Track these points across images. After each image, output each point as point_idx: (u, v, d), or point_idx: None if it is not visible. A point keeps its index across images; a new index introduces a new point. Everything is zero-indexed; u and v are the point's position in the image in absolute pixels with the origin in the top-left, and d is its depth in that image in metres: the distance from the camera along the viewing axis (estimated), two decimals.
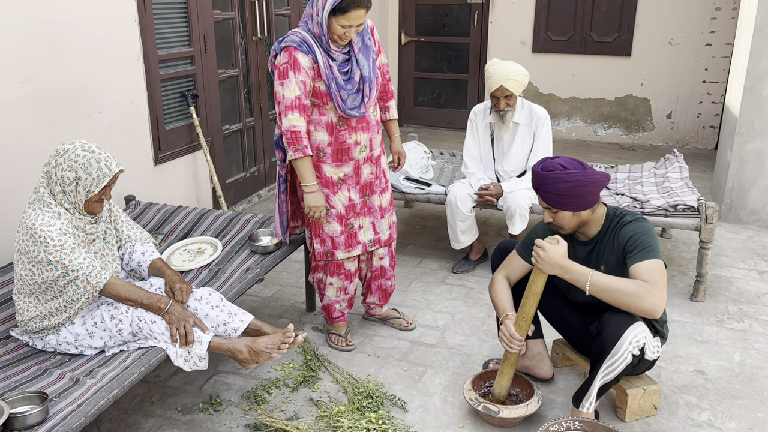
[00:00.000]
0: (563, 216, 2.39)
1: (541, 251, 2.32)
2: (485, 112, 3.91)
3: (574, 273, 2.32)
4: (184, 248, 3.11)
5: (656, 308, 2.24)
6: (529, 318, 2.44)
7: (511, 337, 2.44)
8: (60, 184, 2.29)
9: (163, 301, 2.33)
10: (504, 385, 2.56)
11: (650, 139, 7.15)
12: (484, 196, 3.74)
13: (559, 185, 2.32)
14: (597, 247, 2.47)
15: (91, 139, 3.46)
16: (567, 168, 2.34)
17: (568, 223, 2.41)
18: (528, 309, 2.43)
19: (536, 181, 2.40)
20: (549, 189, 2.35)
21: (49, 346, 2.36)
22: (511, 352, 2.48)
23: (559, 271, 2.32)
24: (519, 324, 2.45)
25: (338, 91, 2.68)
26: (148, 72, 3.88)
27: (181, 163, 4.27)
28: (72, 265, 2.22)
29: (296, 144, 2.67)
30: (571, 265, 2.32)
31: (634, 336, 2.29)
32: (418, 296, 3.64)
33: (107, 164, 2.30)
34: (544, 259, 2.31)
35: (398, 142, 3.17)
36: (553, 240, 2.35)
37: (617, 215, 2.44)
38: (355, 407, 2.60)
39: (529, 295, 2.41)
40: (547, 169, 2.36)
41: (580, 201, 2.35)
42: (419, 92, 7.88)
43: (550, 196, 2.36)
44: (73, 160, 2.27)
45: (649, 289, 2.22)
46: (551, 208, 2.40)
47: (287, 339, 2.31)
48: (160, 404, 2.70)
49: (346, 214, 2.89)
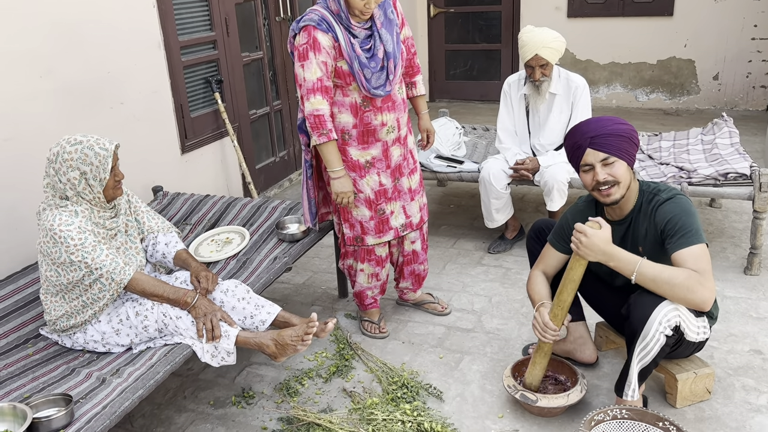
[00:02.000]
0: (619, 167, 2.21)
1: (583, 237, 2.15)
2: (519, 83, 3.73)
3: (620, 260, 2.15)
4: (211, 239, 3.06)
5: (707, 301, 2.08)
6: (565, 307, 2.30)
7: (545, 326, 2.30)
8: (70, 188, 2.22)
9: (189, 296, 2.27)
10: (536, 375, 2.43)
11: (696, 103, 6.81)
12: (520, 171, 3.58)
13: (617, 126, 2.19)
14: (632, 226, 2.31)
15: (115, 130, 3.45)
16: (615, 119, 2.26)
17: (625, 178, 2.23)
18: (565, 297, 2.28)
19: (587, 129, 2.23)
20: (607, 131, 2.19)
21: (78, 345, 2.34)
22: (544, 342, 2.35)
23: (602, 257, 2.16)
24: (554, 312, 2.31)
25: (361, 70, 2.56)
26: (170, 59, 3.81)
27: (208, 151, 4.22)
28: (95, 264, 2.18)
29: (320, 128, 2.56)
30: (616, 251, 2.16)
31: (663, 316, 2.12)
32: (453, 279, 3.52)
33: (101, 146, 2.23)
34: (586, 245, 2.15)
35: (427, 119, 3.03)
36: (594, 224, 2.18)
37: (651, 191, 2.27)
38: (389, 398, 2.51)
39: (567, 282, 2.26)
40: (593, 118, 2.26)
41: (632, 150, 2.22)
42: (450, 65, 7.66)
43: (610, 139, 2.19)
44: (69, 159, 2.19)
45: (700, 281, 2.06)
46: (609, 158, 2.20)
47: (310, 329, 2.23)
48: (192, 398, 2.66)
49: (376, 200, 2.78)
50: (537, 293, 2.45)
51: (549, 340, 2.32)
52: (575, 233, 2.19)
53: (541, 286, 2.46)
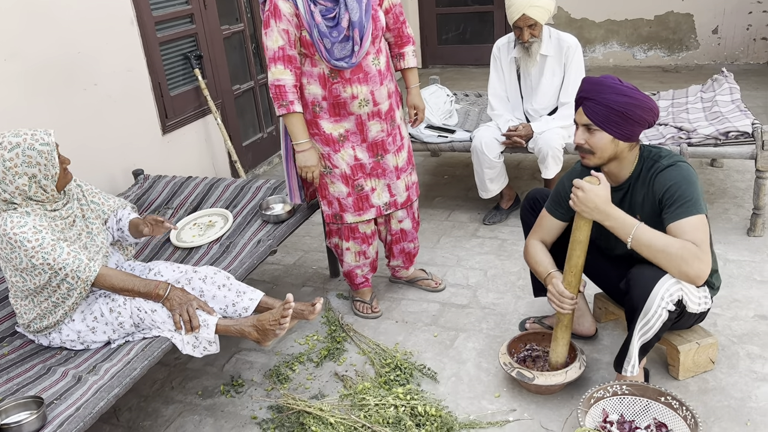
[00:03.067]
0: (601, 138, 2.08)
1: (579, 192, 2.04)
2: (509, 46, 3.57)
3: (617, 220, 2.04)
4: (194, 222, 2.95)
5: (701, 275, 1.97)
6: (578, 271, 2.18)
7: (561, 295, 2.19)
8: (19, 194, 2.06)
9: (161, 287, 2.16)
10: (561, 352, 2.33)
11: (695, 59, 6.61)
12: (513, 138, 3.45)
13: (614, 97, 2.04)
14: (629, 193, 2.18)
15: (91, 113, 3.31)
16: (624, 84, 2.08)
17: (602, 151, 2.10)
18: (575, 261, 2.16)
19: (587, 87, 2.10)
20: (600, 99, 2.05)
21: (55, 344, 2.24)
22: (563, 313, 2.23)
23: (599, 216, 2.05)
24: (568, 280, 2.19)
25: (321, 39, 2.42)
26: (145, 35, 3.65)
27: (191, 131, 4.08)
28: (57, 264, 2.04)
29: (281, 99, 2.46)
30: (614, 211, 2.05)
31: (666, 290, 2.01)
32: (448, 253, 3.42)
33: (41, 142, 2.05)
34: (583, 200, 2.04)
35: (416, 94, 2.86)
36: (593, 179, 2.06)
37: (651, 156, 2.14)
38: (381, 381, 2.43)
39: (575, 245, 2.14)
40: (602, 78, 2.10)
41: (626, 126, 2.06)
42: (442, 29, 7.44)
43: (598, 107, 2.06)
44: (11, 167, 2.02)
45: (696, 253, 1.95)
46: (591, 125, 2.08)
47: (286, 312, 2.13)
48: (180, 389, 2.59)
49: (353, 175, 2.66)
50: (540, 263, 2.33)
51: (568, 310, 2.21)
52: (573, 188, 2.08)
53: (543, 255, 2.35)
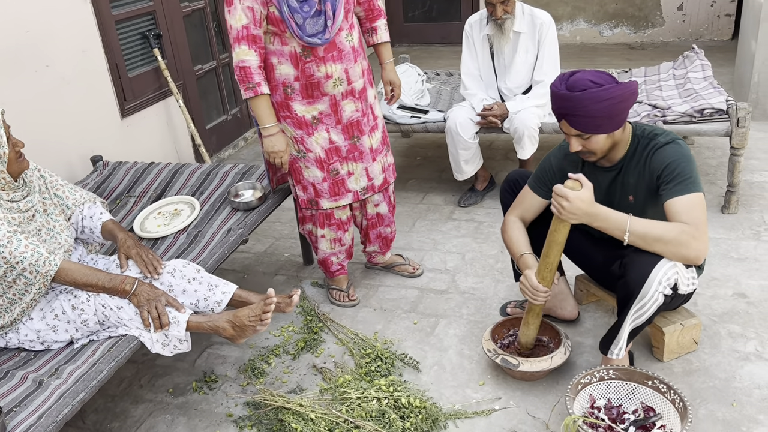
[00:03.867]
0: (597, 141, 2.01)
1: (564, 201, 1.93)
2: (481, 23, 3.48)
3: (606, 221, 1.96)
4: (158, 211, 2.80)
5: (700, 255, 1.93)
6: (553, 268, 2.12)
7: (535, 289, 2.14)
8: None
9: (128, 282, 2.02)
10: (531, 335, 2.29)
11: (660, 35, 6.63)
12: (488, 118, 3.37)
13: (596, 106, 1.92)
14: (622, 172, 2.12)
15: (44, 97, 3.11)
16: (599, 83, 1.94)
17: (602, 148, 2.04)
18: (552, 259, 2.10)
19: (563, 105, 1.98)
20: (582, 112, 1.94)
21: (12, 345, 2.09)
22: (537, 304, 2.19)
23: (587, 219, 1.96)
24: (542, 275, 2.13)
25: (291, 15, 2.28)
26: (99, 13, 3.44)
27: (151, 113, 3.89)
28: (14, 257, 1.89)
29: (246, 81, 2.32)
30: (602, 211, 1.96)
31: (663, 274, 1.96)
32: (424, 236, 3.34)
33: None
34: (569, 210, 1.94)
35: (391, 69, 2.75)
36: (575, 184, 1.96)
37: (646, 135, 2.07)
38: (362, 372, 2.35)
39: (552, 245, 2.07)
40: (576, 89, 1.95)
41: (615, 120, 1.97)
42: (409, 7, 7.31)
43: (584, 120, 1.96)
44: None
45: (693, 234, 1.89)
46: (583, 135, 2.01)
47: (268, 307, 2.02)
48: (149, 387, 2.46)
49: (328, 159, 2.54)
50: (515, 243, 2.27)
51: (541, 302, 2.16)
52: (555, 197, 1.97)
53: (519, 234, 2.29)
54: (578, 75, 1.97)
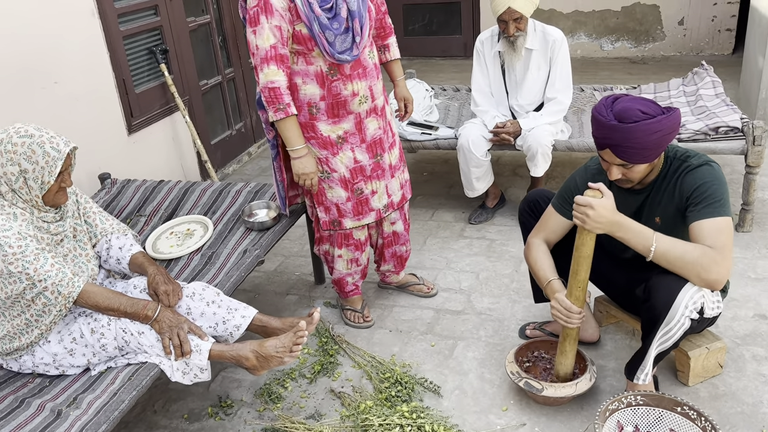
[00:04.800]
0: (638, 170, 1.98)
1: (589, 210, 1.91)
2: (492, 39, 3.46)
3: (630, 231, 1.93)
4: (170, 231, 2.75)
5: (720, 281, 1.90)
6: (584, 286, 2.08)
7: (568, 310, 2.08)
8: (6, 183, 1.90)
9: (150, 308, 1.98)
10: (569, 364, 2.24)
11: (661, 50, 6.65)
12: (501, 136, 3.34)
13: (649, 138, 1.87)
14: (651, 196, 2.10)
15: (51, 113, 3.06)
16: (650, 114, 1.89)
17: (641, 176, 2.01)
18: (582, 276, 2.06)
19: (611, 135, 1.91)
20: (632, 144, 1.89)
21: (26, 368, 2.04)
22: (571, 328, 2.14)
23: (611, 228, 1.94)
24: (575, 295, 2.09)
25: (322, 32, 2.25)
26: (107, 29, 3.40)
27: (158, 129, 3.84)
28: (38, 275, 1.86)
29: (276, 103, 2.27)
30: (626, 221, 1.94)
31: (690, 298, 1.93)
32: (436, 255, 3.30)
33: (54, 146, 1.90)
34: (593, 218, 1.91)
35: (404, 86, 2.74)
36: (596, 192, 1.94)
37: (678, 157, 2.05)
38: (382, 398, 2.30)
39: (581, 260, 2.03)
40: (628, 120, 1.89)
41: (661, 149, 1.94)
42: (409, 20, 7.29)
43: (632, 151, 1.91)
44: (11, 151, 1.87)
45: (715, 259, 1.86)
46: (626, 164, 1.97)
47: (300, 339, 1.98)
48: (164, 412, 2.40)
49: (353, 178, 2.51)
50: (541, 268, 2.22)
51: (576, 324, 2.11)
52: (577, 207, 1.96)
53: (544, 258, 2.24)
54: (626, 104, 1.93)
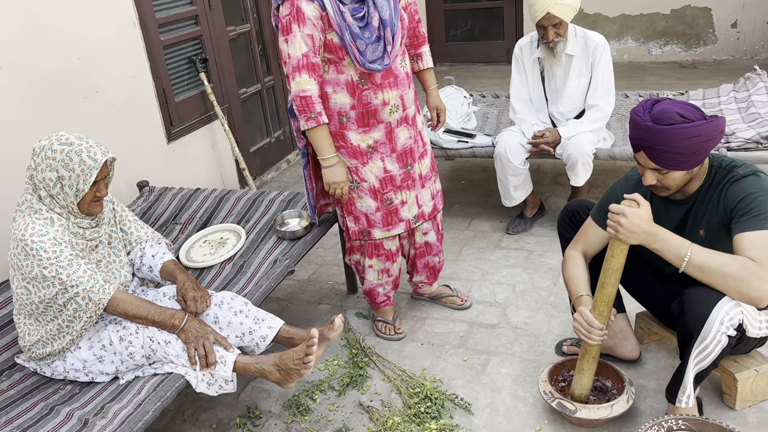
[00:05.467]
0: (674, 176, 1.89)
1: (623, 218, 1.84)
2: (532, 45, 3.38)
3: (665, 242, 1.85)
4: (204, 239, 2.76)
5: (763, 298, 1.77)
6: (610, 301, 2.00)
7: (590, 325, 2.00)
8: (44, 188, 1.94)
9: (178, 317, 1.98)
10: (585, 384, 2.15)
11: (713, 54, 6.41)
12: (539, 145, 3.26)
13: (684, 142, 1.80)
14: (694, 207, 1.99)
15: (92, 122, 3.12)
16: (689, 118, 1.82)
17: (678, 184, 1.93)
18: (609, 290, 1.98)
19: (645, 136, 1.86)
20: (667, 147, 1.82)
21: (58, 374, 2.07)
22: (591, 344, 2.06)
23: (645, 238, 1.86)
24: (599, 309, 2.01)
25: (354, 41, 2.23)
26: (148, 39, 3.46)
27: (197, 138, 3.89)
28: (70, 280, 1.89)
29: (308, 111, 2.25)
30: (661, 231, 1.86)
31: (725, 314, 1.82)
32: (471, 266, 3.23)
33: (90, 155, 1.93)
34: (627, 227, 1.84)
35: (436, 96, 2.70)
36: (632, 202, 1.87)
37: (723, 167, 1.94)
38: (411, 413, 2.25)
39: (609, 273, 1.96)
40: (663, 122, 1.83)
41: (700, 156, 1.85)
42: (450, 26, 7.24)
43: (666, 155, 1.84)
44: (51, 157, 1.91)
45: (757, 272, 1.75)
46: (662, 169, 1.89)
47: (310, 350, 1.94)
48: (192, 422, 2.40)
49: (382, 188, 2.47)
50: (574, 282, 2.14)
51: (596, 341, 2.02)
52: (611, 216, 1.88)
53: (579, 272, 2.16)
54: (665, 106, 1.85)
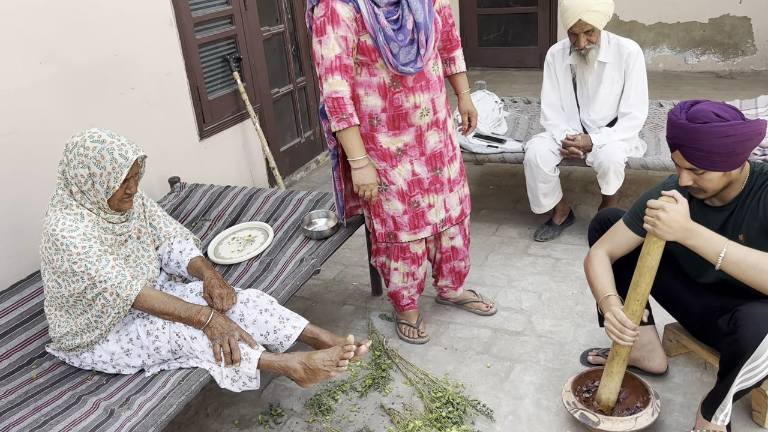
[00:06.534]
0: (710, 178, 1.87)
1: (662, 212, 1.82)
2: (564, 52, 3.34)
3: (702, 239, 1.83)
4: (232, 236, 2.79)
5: None
6: (643, 300, 1.97)
7: (623, 324, 1.97)
8: (76, 184, 1.98)
9: (204, 314, 2.00)
10: (613, 388, 2.11)
11: (751, 64, 6.27)
12: (570, 148, 3.22)
13: (718, 141, 1.79)
14: (736, 212, 1.95)
15: (127, 117, 3.18)
16: (725, 118, 1.81)
17: (715, 186, 1.89)
18: (643, 289, 1.95)
19: (680, 135, 1.86)
20: (701, 146, 1.82)
21: (86, 365, 2.11)
22: (622, 344, 2.01)
23: (682, 234, 1.84)
24: (631, 309, 1.98)
25: (387, 44, 2.23)
26: (183, 37, 3.51)
27: (228, 136, 3.93)
28: (99, 276, 1.93)
29: (340, 113, 2.26)
30: (698, 228, 1.84)
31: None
32: (497, 272, 3.21)
33: (122, 153, 1.96)
34: (665, 221, 1.82)
35: (468, 100, 2.69)
36: (670, 198, 1.86)
37: (764, 172, 1.91)
38: (432, 418, 2.24)
39: (644, 271, 1.93)
40: (698, 120, 1.82)
41: (737, 159, 1.83)
42: (483, 30, 7.21)
43: (700, 154, 1.83)
44: (83, 154, 1.94)
45: None
46: (697, 169, 1.87)
47: (346, 354, 1.95)
48: (215, 416, 2.43)
49: (410, 191, 2.47)
50: (600, 281, 2.11)
51: (628, 342, 1.98)
52: (649, 211, 1.87)
53: (604, 271, 2.13)
54: (702, 105, 1.84)
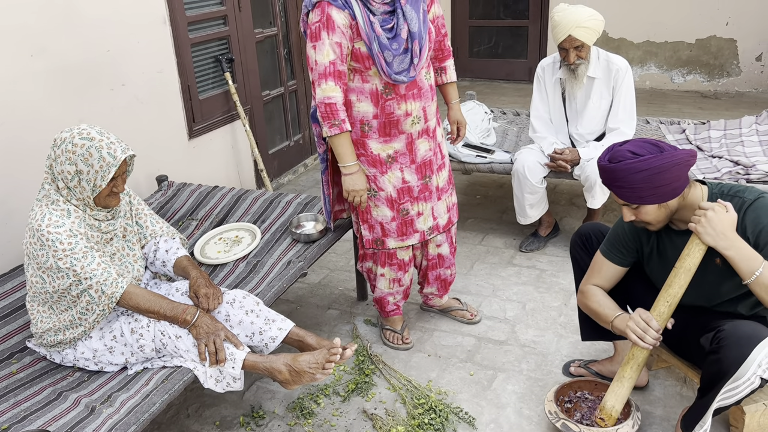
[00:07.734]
0: (647, 211, 1.91)
1: (710, 212, 1.83)
2: (554, 66, 3.38)
3: (740, 252, 1.82)
4: (219, 237, 2.78)
5: None
6: (674, 303, 1.95)
7: (647, 323, 1.94)
8: (62, 179, 1.96)
9: (189, 313, 2.00)
10: (621, 395, 2.06)
11: (736, 85, 6.39)
12: (558, 162, 3.26)
13: (634, 177, 1.85)
14: None
15: (117, 114, 3.16)
16: (639, 154, 1.86)
17: (656, 218, 1.93)
18: (675, 290, 1.94)
19: (605, 176, 1.94)
20: (622, 183, 1.88)
21: (67, 361, 2.09)
22: (642, 347, 1.96)
23: (723, 242, 1.84)
24: (659, 310, 1.96)
25: (381, 52, 2.25)
26: (176, 36, 3.50)
27: (218, 136, 3.92)
28: (84, 273, 1.91)
29: (332, 118, 2.26)
30: (738, 240, 1.84)
31: (765, 356, 1.79)
32: (483, 281, 3.23)
33: (110, 152, 1.95)
34: (710, 221, 1.82)
35: (457, 110, 2.72)
36: (721, 206, 1.86)
37: (726, 193, 1.93)
38: (415, 424, 2.24)
39: (680, 271, 1.93)
40: (614, 160, 1.89)
41: (663, 190, 1.86)
42: (474, 42, 7.27)
43: (625, 191, 1.89)
44: (71, 151, 1.93)
45: None
46: (630, 204, 1.92)
47: (332, 357, 1.95)
48: (196, 417, 2.41)
49: (399, 198, 2.48)
50: (604, 308, 2.10)
51: (649, 343, 1.95)
52: (698, 211, 1.88)
53: (604, 298, 2.13)
54: (626, 145, 1.90)
